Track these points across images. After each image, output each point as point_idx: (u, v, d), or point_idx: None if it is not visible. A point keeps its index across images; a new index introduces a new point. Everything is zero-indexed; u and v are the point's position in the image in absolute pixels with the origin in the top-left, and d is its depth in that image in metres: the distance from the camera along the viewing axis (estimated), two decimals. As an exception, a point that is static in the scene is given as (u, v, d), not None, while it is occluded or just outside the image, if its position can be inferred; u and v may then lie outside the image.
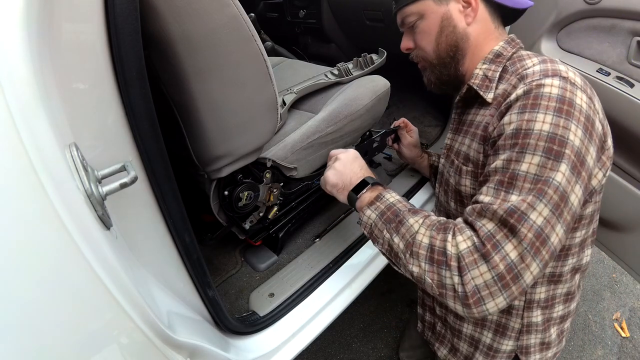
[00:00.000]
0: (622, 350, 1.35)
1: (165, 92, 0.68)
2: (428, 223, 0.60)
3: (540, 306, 0.71)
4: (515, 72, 0.64)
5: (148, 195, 0.54)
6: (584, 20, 0.94)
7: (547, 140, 0.52)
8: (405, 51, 0.79)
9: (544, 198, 0.51)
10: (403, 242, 0.60)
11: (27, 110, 0.32)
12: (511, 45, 0.70)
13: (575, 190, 0.53)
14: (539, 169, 0.52)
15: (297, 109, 1.10)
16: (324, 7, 1.71)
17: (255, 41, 0.67)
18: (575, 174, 0.53)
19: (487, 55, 0.69)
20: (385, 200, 0.66)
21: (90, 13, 0.43)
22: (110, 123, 0.47)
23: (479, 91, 0.68)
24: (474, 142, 0.68)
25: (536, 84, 0.56)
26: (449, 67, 0.73)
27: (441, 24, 0.70)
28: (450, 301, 0.54)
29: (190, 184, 0.89)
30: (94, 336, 0.39)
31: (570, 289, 0.72)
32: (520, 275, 0.51)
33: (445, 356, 0.84)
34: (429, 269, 0.56)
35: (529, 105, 0.55)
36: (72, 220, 0.33)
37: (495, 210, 0.53)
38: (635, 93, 0.86)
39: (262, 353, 0.77)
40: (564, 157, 0.52)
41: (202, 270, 0.63)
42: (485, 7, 0.70)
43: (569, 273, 0.70)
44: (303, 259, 1.00)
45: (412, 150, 1.09)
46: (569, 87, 0.55)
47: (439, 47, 0.72)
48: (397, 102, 1.73)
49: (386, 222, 0.63)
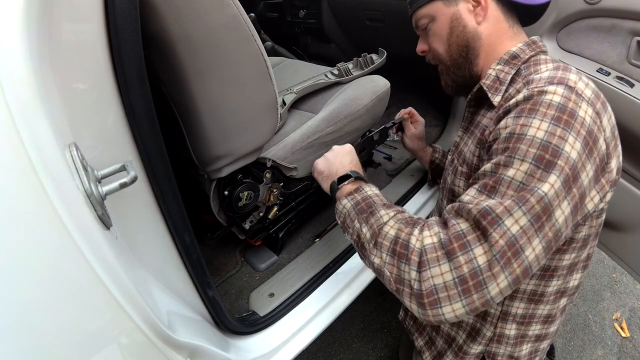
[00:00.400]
0: (622, 350, 1.35)
1: (165, 92, 0.68)
2: (399, 217, 0.59)
3: (516, 321, 0.68)
4: (526, 77, 0.62)
5: (148, 195, 0.54)
6: (584, 20, 0.94)
7: (540, 147, 0.49)
8: (420, 54, 0.79)
9: (524, 205, 0.47)
10: (370, 232, 0.59)
11: (27, 110, 0.32)
12: (530, 47, 0.66)
13: (562, 206, 0.49)
14: (525, 177, 0.49)
15: (297, 109, 1.10)
16: (324, 7, 1.71)
17: (255, 41, 0.67)
18: (565, 189, 0.49)
19: (503, 56, 0.67)
20: (363, 193, 0.65)
21: (90, 13, 0.43)
22: (110, 123, 0.47)
23: (487, 92, 0.66)
24: (472, 145, 0.67)
25: (538, 91, 0.53)
26: (462, 69, 0.72)
27: (451, 25, 0.69)
28: (406, 298, 0.52)
29: (190, 184, 0.89)
30: (94, 336, 0.39)
31: (551, 311, 0.68)
32: (484, 284, 0.47)
33: (421, 347, 0.82)
34: (389, 261, 0.54)
35: (526, 110, 0.52)
36: (72, 220, 0.33)
37: (469, 210, 0.50)
38: (635, 93, 0.86)
39: (262, 353, 0.77)
40: (556, 168, 0.48)
41: (202, 270, 0.63)
42: (496, 5, 0.68)
43: (553, 295, 0.66)
44: (303, 259, 1.00)
45: (415, 142, 1.08)
46: (573, 98, 0.51)
47: (451, 48, 0.71)
48: (397, 102, 1.73)
49: (359, 212, 0.62)
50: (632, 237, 0.98)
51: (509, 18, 0.69)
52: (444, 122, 1.51)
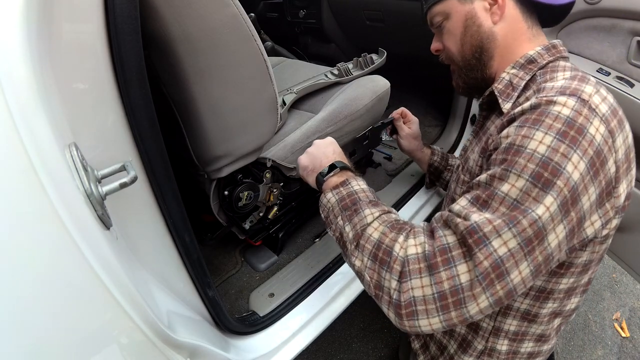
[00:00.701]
0: (622, 350, 1.35)
1: (165, 92, 0.68)
2: (384, 219, 0.56)
3: (508, 337, 0.66)
4: (539, 84, 0.57)
5: (148, 195, 0.54)
6: (584, 20, 0.94)
7: (539, 164, 0.45)
8: (435, 53, 0.76)
9: (515, 227, 0.44)
10: (353, 232, 0.56)
11: (27, 110, 0.32)
12: (550, 52, 0.61)
13: (557, 230, 0.46)
14: (520, 195, 0.46)
15: (297, 109, 1.10)
16: (324, 7, 1.71)
17: (255, 41, 0.67)
18: (562, 212, 0.45)
19: (519, 60, 0.63)
20: (349, 187, 0.62)
21: (90, 13, 0.43)
22: (110, 123, 0.47)
23: (498, 98, 0.62)
24: (477, 153, 0.64)
25: (546, 100, 0.49)
26: (475, 71, 0.68)
27: (465, 23, 0.65)
28: (384, 306, 0.51)
29: (190, 184, 0.89)
30: (93, 336, 0.38)
31: (545, 331, 0.65)
32: (463, 303, 0.46)
33: (417, 350, 0.81)
34: (370, 265, 0.52)
35: (530, 120, 0.48)
36: (72, 220, 0.33)
37: (457, 224, 0.47)
38: (635, 93, 0.86)
39: (262, 353, 0.77)
40: (554, 188, 0.45)
41: (202, 270, 0.63)
42: (515, 4, 0.63)
43: (547, 316, 0.63)
44: (303, 259, 1.00)
45: (411, 142, 1.06)
46: (584, 112, 0.47)
47: (464, 48, 0.67)
48: (397, 102, 1.73)
49: (343, 209, 0.60)
50: (632, 237, 0.98)
51: (528, 18, 0.65)
52: (444, 122, 1.51)
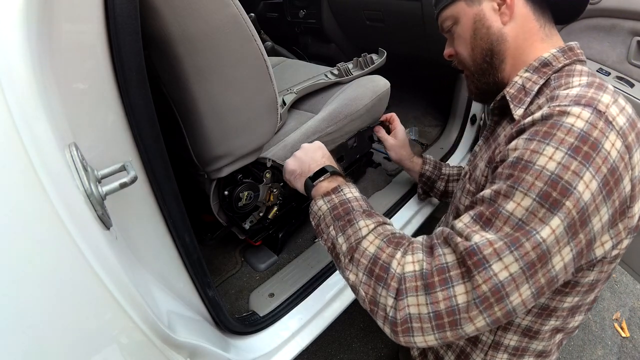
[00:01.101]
0: (622, 350, 1.35)
1: (165, 92, 0.68)
2: (380, 231, 0.54)
3: (508, 352, 0.64)
4: (553, 90, 0.54)
5: (148, 195, 0.54)
6: (584, 20, 0.94)
7: (548, 182, 0.42)
8: (447, 59, 0.73)
9: (517, 251, 0.42)
10: (346, 245, 0.54)
11: (27, 110, 0.32)
12: (566, 55, 0.58)
13: (563, 252, 0.43)
14: (526, 215, 0.43)
15: (297, 109, 1.10)
16: (324, 7, 1.71)
17: (255, 41, 0.67)
18: (569, 235, 0.43)
19: (533, 63, 0.59)
20: (342, 195, 0.60)
21: (90, 13, 0.43)
22: (110, 123, 0.47)
23: (510, 103, 0.59)
24: (484, 162, 0.61)
25: (559, 111, 0.45)
26: (487, 75, 0.65)
27: (474, 26, 0.63)
28: (379, 321, 0.50)
29: (190, 184, 0.89)
30: (93, 336, 0.38)
31: (546, 347, 0.64)
32: (459, 324, 0.44)
33: (416, 357, 0.80)
34: (366, 281, 0.51)
35: (541, 133, 0.45)
36: (71, 220, 0.33)
37: (457, 243, 0.45)
38: (635, 93, 0.86)
39: (262, 353, 0.77)
40: (562, 209, 0.42)
41: (202, 270, 0.63)
42: (525, 2, 0.60)
43: (549, 332, 0.61)
44: (303, 259, 1.00)
45: (397, 152, 1.03)
46: (600, 125, 0.43)
47: (474, 51, 0.65)
48: (397, 102, 1.73)
49: (335, 218, 0.57)
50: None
51: (540, 17, 0.61)
52: (444, 122, 1.51)
